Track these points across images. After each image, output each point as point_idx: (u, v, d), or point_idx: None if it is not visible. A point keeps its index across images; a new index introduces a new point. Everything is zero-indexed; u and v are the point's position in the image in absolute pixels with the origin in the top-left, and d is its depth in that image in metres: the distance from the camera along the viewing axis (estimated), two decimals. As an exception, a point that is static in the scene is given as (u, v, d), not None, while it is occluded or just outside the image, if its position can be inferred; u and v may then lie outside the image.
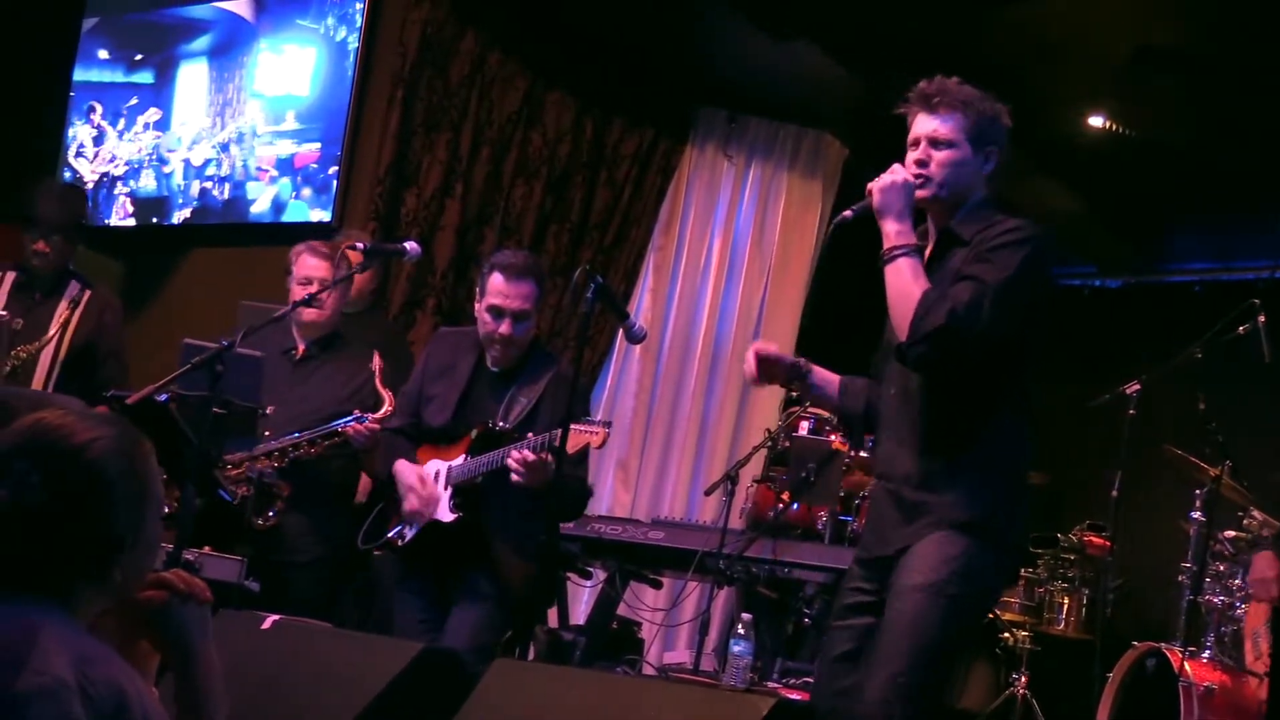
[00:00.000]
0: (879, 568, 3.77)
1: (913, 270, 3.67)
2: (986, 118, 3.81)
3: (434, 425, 5.11)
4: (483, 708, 3.65)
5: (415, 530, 5.02)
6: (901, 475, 3.77)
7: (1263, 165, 6.59)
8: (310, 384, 5.63)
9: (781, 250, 8.78)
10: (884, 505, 3.82)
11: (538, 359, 5.14)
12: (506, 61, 7.95)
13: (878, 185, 3.73)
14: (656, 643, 7.52)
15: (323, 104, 7.66)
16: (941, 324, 3.54)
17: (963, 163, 3.78)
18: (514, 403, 5.00)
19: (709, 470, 8.43)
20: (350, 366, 5.63)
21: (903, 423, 3.80)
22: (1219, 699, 6.04)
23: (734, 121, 8.83)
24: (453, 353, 5.21)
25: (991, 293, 3.55)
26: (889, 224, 3.71)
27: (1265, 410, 7.75)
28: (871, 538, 3.87)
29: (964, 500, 3.64)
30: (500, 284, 4.96)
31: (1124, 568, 7.48)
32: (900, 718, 3.50)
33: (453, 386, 5.11)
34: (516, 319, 4.96)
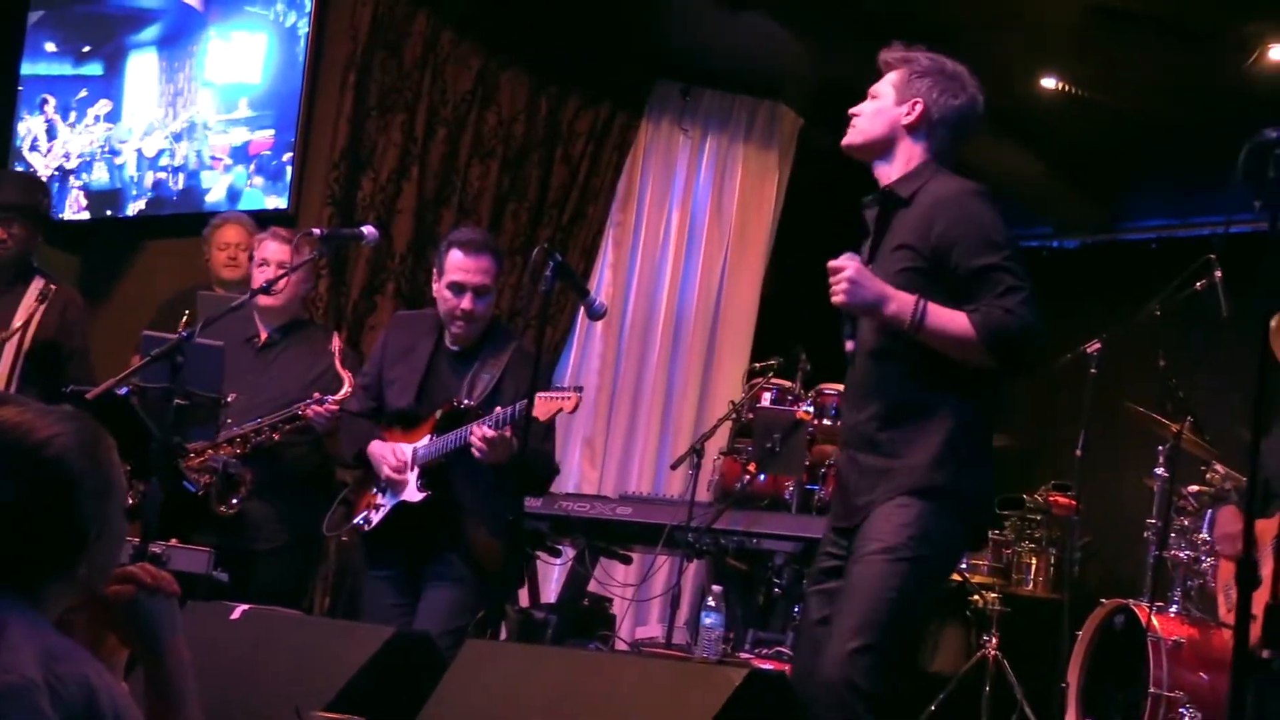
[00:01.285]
0: (847, 532, 3.79)
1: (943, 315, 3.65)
2: (919, 72, 3.86)
3: (396, 408, 5.11)
4: (456, 690, 3.65)
5: (382, 515, 5.01)
6: (864, 440, 3.79)
7: (1214, 121, 6.62)
8: (273, 371, 5.61)
9: (740, 221, 8.78)
10: (848, 473, 3.85)
11: (498, 336, 5.15)
12: (459, 41, 7.92)
13: (836, 293, 3.68)
14: (628, 618, 7.53)
15: (275, 90, 7.61)
16: (1018, 344, 3.65)
17: (880, 111, 3.88)
18: (477, 380, 5.00)
19: (675, 444, 8.43)
20: (312, 352, 5.61)
21: (866, 390, 3.83)
22: (1187, 652, 6.08)
23: (688, 94, 8.82)
24: (411, 335, 5.20)
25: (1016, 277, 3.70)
26: (880, 313, 3.68)
27: (1225, 365, 7.78)
28: (839, 508, 3.90)
29: (923, 465, 3.67)
30: (459, 259, 4.97)
31: (1090, 526, 7.51)
32: (862, 682, 3.50)
33: (413, 368, 5.10)
34: (477, 293, 4.97)
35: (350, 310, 7.41)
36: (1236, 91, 7.32)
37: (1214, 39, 7.16)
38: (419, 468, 4.96)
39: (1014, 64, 7.66)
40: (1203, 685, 6.02)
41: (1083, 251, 10.06)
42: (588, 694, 3.41)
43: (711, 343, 8.75)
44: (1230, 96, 7.34)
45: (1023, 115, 8.14)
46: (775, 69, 8.48)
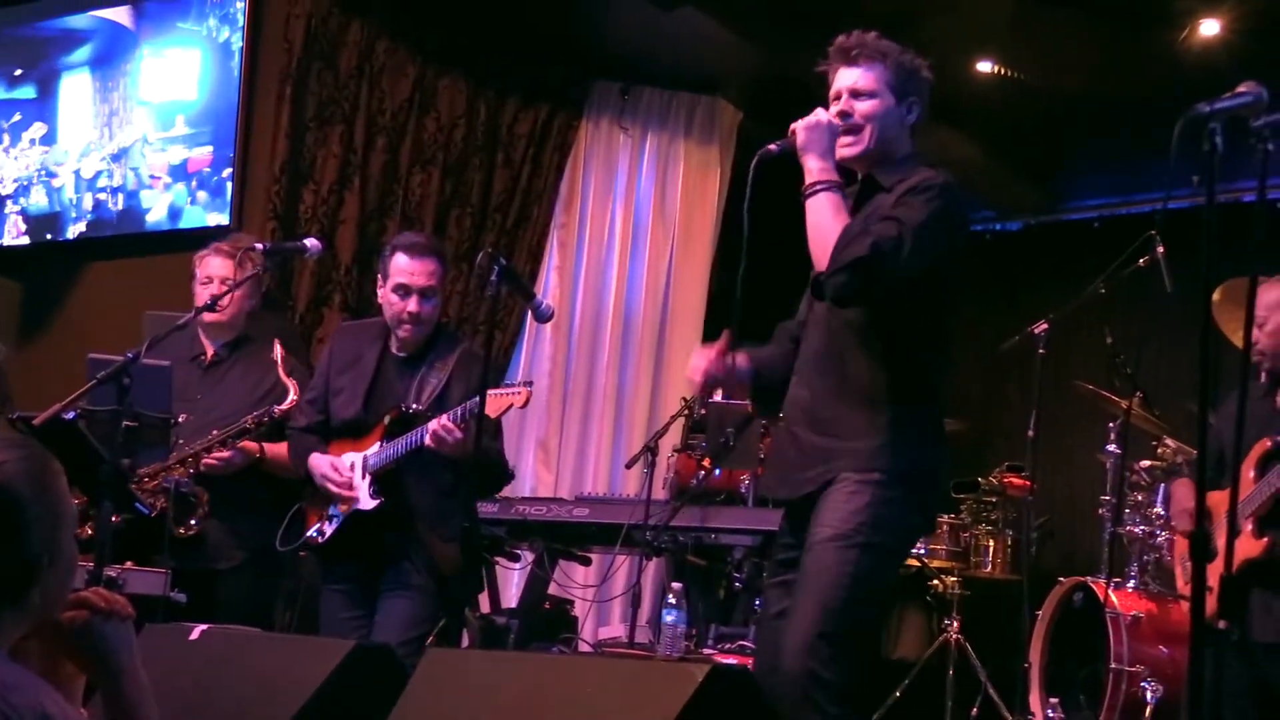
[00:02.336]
0: (799, 520, 3.77)
1: (834, 205, 3.68)
2: (906, 69, 3.85)
3: (344, 418, 5.08)
4: (419, 700, 3.64)
5: (335, 526, 4.99)
6: (808, 418, 3.78)
7: (1150, 98, 6.66)
8: (221, 388, 5.56)
9: (684, 218, 8.79)
10: (786, 446, 3.85)
11: (444, 340, 5.15)
12: (395, 49, 7.90)
13: (802, 123, 3.74)
14: (590, 619, 7.52)
15: (211, 106, 7.57)
16: (864, 254, 3.55)
17: (887, 113, 3.81)
18: (425, 384, 4.98)
19: (629, 443, 8.43)
20: (261, 366, 5.57)
21: (816, 369, 3.82)
22: (1146, 626, 6.13)
23: (627, 93, 8.82)
24: (356, 344, 5.19)
25: (910, 231, 3.57)
26: (811, 160, 3.71)
27: (1171, 339, 7.86)
28: (774, 479, 3.90)
29: (873, 447, 3.66)
30: (404, 263, 4.97)
31: (1046, 506, 7.56)
32: (822, 671, 3.50)
33: (360, 377, 5.08)
34: (423, 296, 4.97)
35: (297, 323, 7.38)
36: (1170, 68, 7.37)
37: (1145, 16, 7.21)
38: (371, 475, 4.94)
39: (949, 49, 7.68)
40: (1162, 658, 6.06)
41: (1026, 233, 10.12)
42: (551, 697, 3.40)
43: (661, 340, 8.75)
44: (1164, 73, 7.39)
45: (960, 100, 8.18)
46: (712, 64, 8.49)
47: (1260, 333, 4.56)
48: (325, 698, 3.73)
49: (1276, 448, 4.44)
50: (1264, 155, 3.05)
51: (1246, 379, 3.55)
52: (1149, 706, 5.88)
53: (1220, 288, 5.76)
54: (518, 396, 4.67)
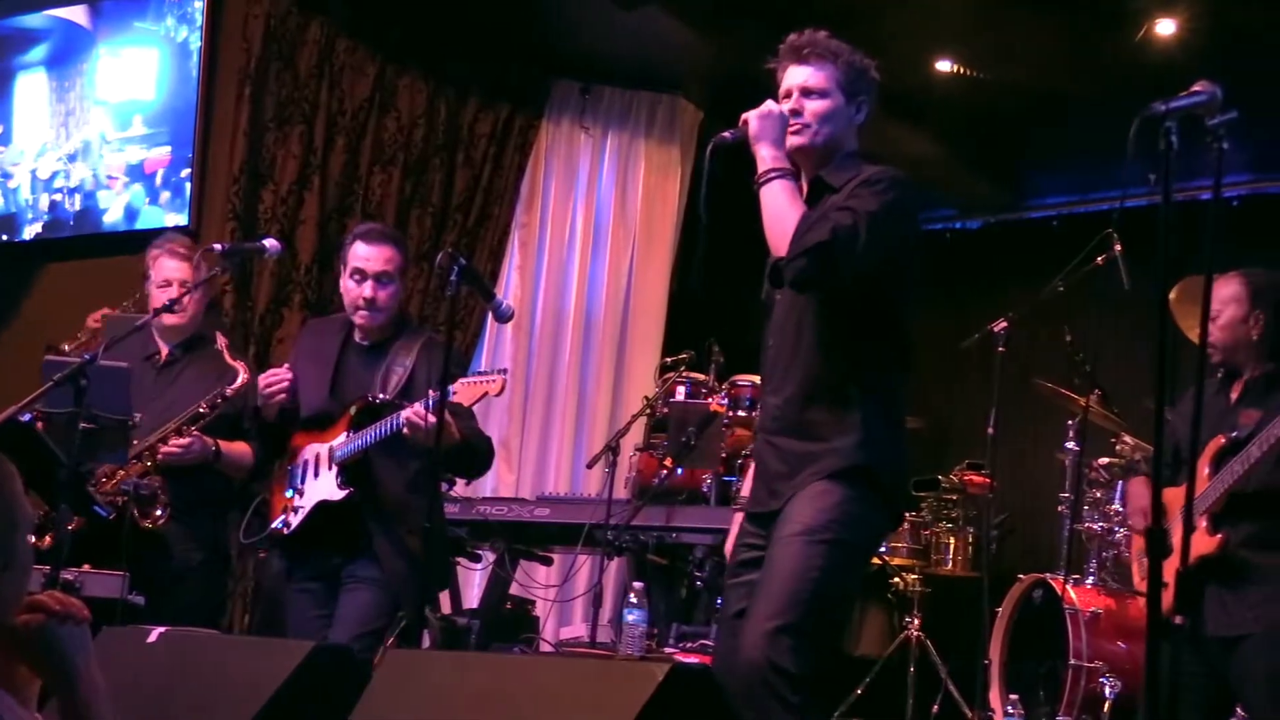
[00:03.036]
0: (767, 520, 3.78)
1: (790, 192, 3.70)
2: (856, 69, 3.87)
3: (311, 409, 5.06)
4: (379, 701, 3.62)
5: (301, 516, 4.96)
6: (783, 425, 3.80)
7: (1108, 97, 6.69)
8: (176, 388, 5.52)
9: (645, 217, 8.79)
10: (768, 458, 3.85)
11: (407, 330, 5.16)
12: (355, 48, 7.88)
13: (755, 113, 3.77)
14: (552, 619, 7.52)
15: (169, 106, 7.53)
16: (825, 239, 3.58)
17: (836, 112, 3.84)
18: (390, 373, 4.98)
19: (590, 443, 8.43)
20: (216, 366, 5.54)
21: (782, 374, 3.83)
22: (1105, 622, 6.16)
23: (588, 93, 8.82)
24: (320, 337, 5.21)
25: (865, 220, 3.60)
26: (764, 149, 3.74)
27: (1129, 337, 7.89)
28: (761, 492, 3.88)
29: (843, 448, 3.68)
30: (361, 249, 5.00)
31: (1005, 504, 7.60)
32: (782, 662, 3.49)
33: (323, 367, 5.08)
34: (379, 281, 4.97)
35: (257, 324, 7.35)
36: (1127, 67, 7.42)
37: (1102, 16, 7.24)
38: (338, 466, 4.92)
39: (909, 47, 7.71)
40: (1121, 654, 6.10)
41: (986, 231, 10.17)
42: (511, 697, 3.40)
43: (622, 340, 8.75)
44: (1122, 72, 7.44)
45: (920, 98, 8.20)
46: (673, 63, 8.50)
47: (1214, 326, 4.58)
48: (285, 699, 3.71)
49: (1231, 444, 4.46)
50: (1219, 153, 3.07)
51: (1203, 376, 3.57)
52: (1108, 702, 5.91)
53: (1177, 285, 5.79)
54: (492, 384, 4.66)
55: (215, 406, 5.30)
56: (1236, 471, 4.39)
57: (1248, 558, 4.41)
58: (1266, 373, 4.58)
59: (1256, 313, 4.57)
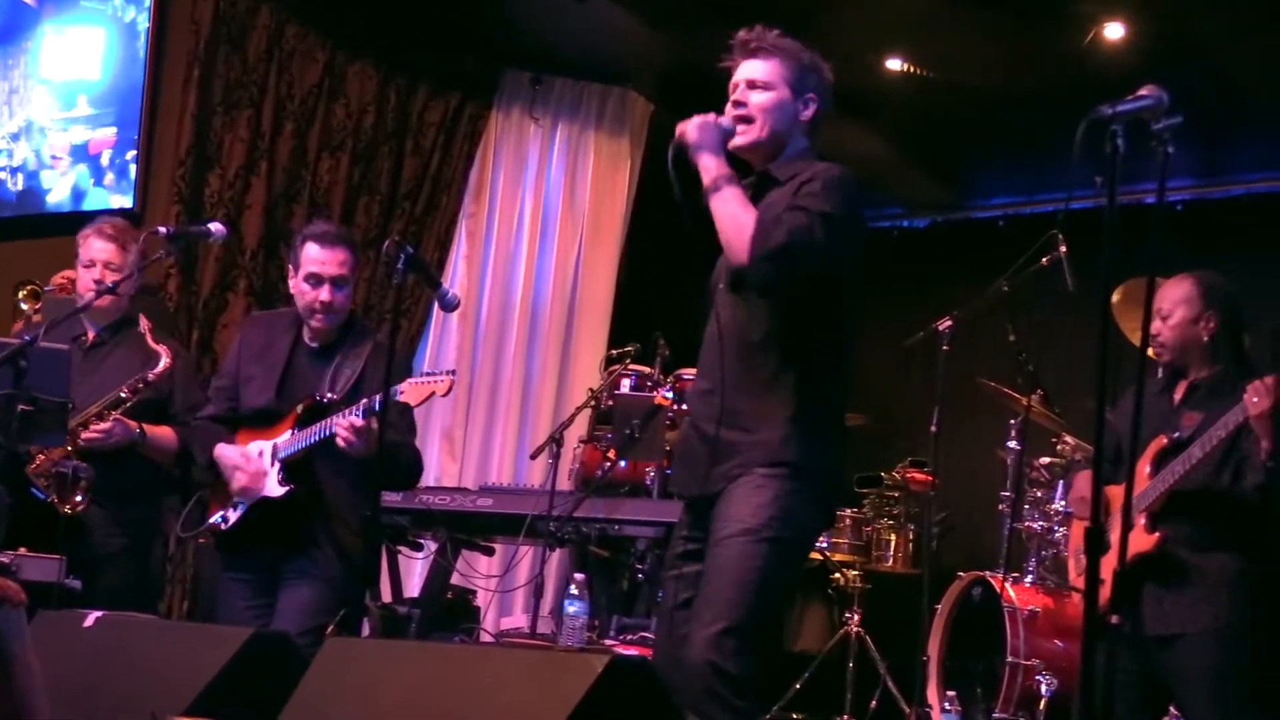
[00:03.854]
0: (702, 512, 3.79)
1: (740, 198, 3.72)
2: (804, 66, 3.88)
3: (255, 407, 5.03)
4: (317, 689, 3.61)
5: (240, 512, 4.93)
6: (713, 414, 3.79)
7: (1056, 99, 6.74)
8: (103, 371, 5.46)
9: (594, 209, 8.79)
10: (694, 443, 3.85)
11: (356, 331, 5.12)
12: (305, 34, 7.84)
13: (691, 123, 3.78)
14: (493, 610, 7.51)
15: (115, 87, 7.47)
16: (784, 242, 3.60)
17: (780, 106, 3.85)
18: (339, 374, 4.95)
19: (534, 434, 8.42)
20: (142, 349, 5.49)
21: (719, 363, 3.82)
22: (1042, 621, 6.21)
23: (538, 83, 8.81)
24: (267, 333, 5.14)
25: (818, 219, 3.63)
26: (706, 158, 3.75)
27: (1072, 338, 7.95)
28: (684, 476, 3.90)
29: (778, 440, 3.68)
30: (315, 252, 4.94)
31: (947, 502, 7.63)
32: (727, 665, 3.51)
33: (272, 366, 5.03)
34: (335, 284, 4.94)
35: (201, 309, 7.31)
36: (1075, 69, 7.47)
37: (1051, 18, 7.29)
38: (280, 463, 4.89)
39: (859, 45, 7.73)
40: (1058, 652, 6.14)
41: (932, 230, 10.22)
42: (450, 687, 3.39)
43: (568, 331, 8.75)
44: (1070, 74, 7.48)
45: (869, 97, 8.23)
46: (624, 55, 8.51)
47: (1164, 325, 4.61)
48: (222, 685, 3.70)
49: (1173, 445, 4.50)
50: (1164, 157, 3.10)
51: (1144, 377, 3.59)
52: (1043, 699, 5.95)
53: (1120, 288, 5.83)
54: (440, 384, 4.63)
55: (137, 391, 5.26)
56: (1177, 472, 4.43)
57: (1185, 558, 4.45)
58: (1212, 375, 4.61)
59: (1208, 314, 4.61)
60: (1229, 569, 4.43)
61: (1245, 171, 8.91)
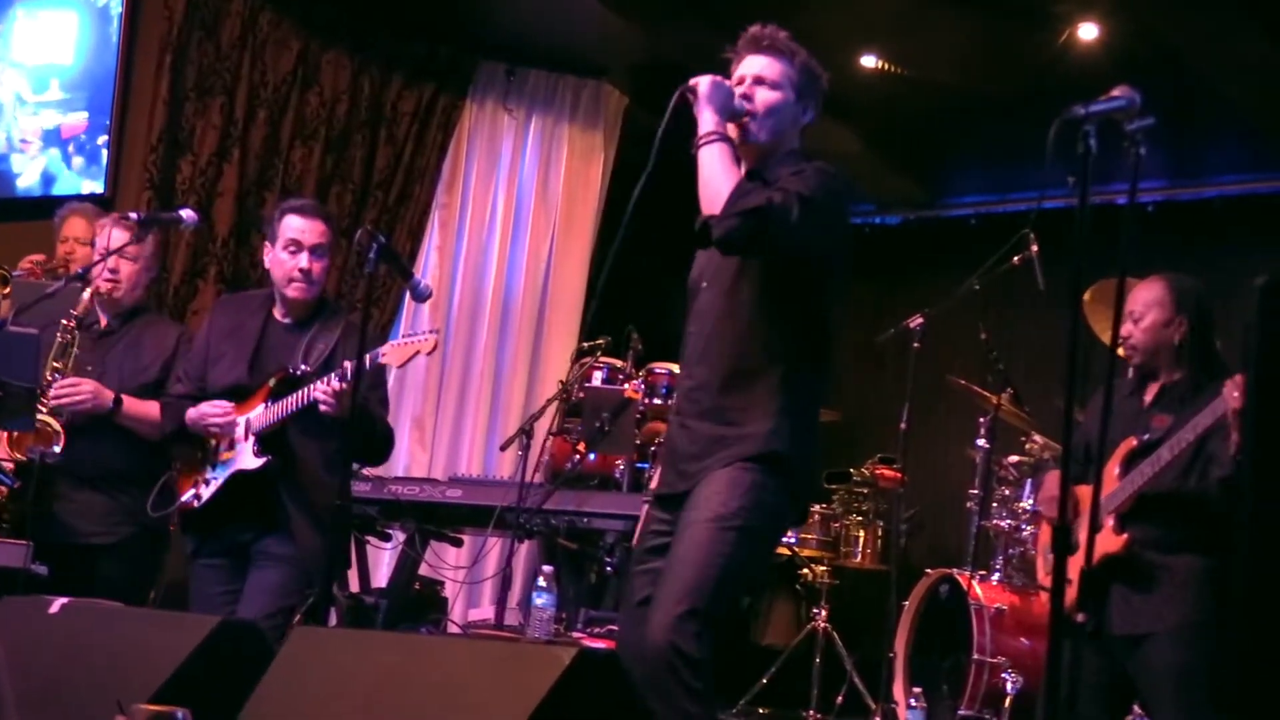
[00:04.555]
0: (674, 504, 3.79)
1: (728, 156, 3.71)
2: (811, 72, 3.91)
3: (227, 383, 5.00)
4: (284, 677, 3.60)
5: (214, 488, 4.90)
6: (699, 409, 3.80)
7: (1029, 99, 6.75)
8: (111, 357, 5.44)
9: (567, 201, 8.79)
10: (679, 440, 3.85)
11: (329, 310, 5.14)
12: (279, 22, 7.83)
13: (707, 77, 3.78)
14: (460, 601, 7.51)
15: (88, 72, 7.44)
16: (759, 204, 3.59)
17: (785, 107, 3.86)
18: (312, 348, 4.94)
19: (504, 425, 8.42)
20: (154, 337, 5.47)
21: (700, 358, 3.83)
22: (1009, 618, 6.23)
23: (513, 75, 8.80)
24: (238, 313, 5.14)
25: (798, 199, 3.62)
26: (708, 113, 3.75)
27: (1042, 337, 7.98)
28: (670, 474, 3.88)
29: (757, 435, 3.69)
30: (295, 221, 4.97)
31: (916, 498, 7.65)
32: (687, 648, 3.51)
33: (243, 342, 5.02)
34: (314, 252, 4.96)
35: (171, 295, 7.29)
36: (1050, 69, 7.48)
37: (1026, 18, 7.31)
38: (255, 436, 4.87)
39: (834, 42, 7.73)
40: (1023, 650, 6.17)
41: (905, 228, 10.23)
42: (417, 678, 3.38)
43: (540, 323, 8.74)
44: (1044, 74, 7.50)
45: (844, 94, 8.22)
46: (600, 48, 8.50)
47: (1136, 328, 4.62)
48: (189, 673, 3.68)
49: (1142, 446, 4.52)
50: (1136, 159, 3.11)
51: (1113, 377, 3.61)
52: (1009, 697, 5.97)
53: (1091, 288, 5.87)
54: (424, 343, 4.64)
55: (71, 333, 5.21)
56: (1146, 473, 4.45)
57: (1153, 559, 4.47)
58: (1183, 378, 4.63)
59: (1180, 318, 4.62)
60: (1196, 569, 4.45)
61: (1216, 173, 8.95)
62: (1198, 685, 4.38)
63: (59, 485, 5.23)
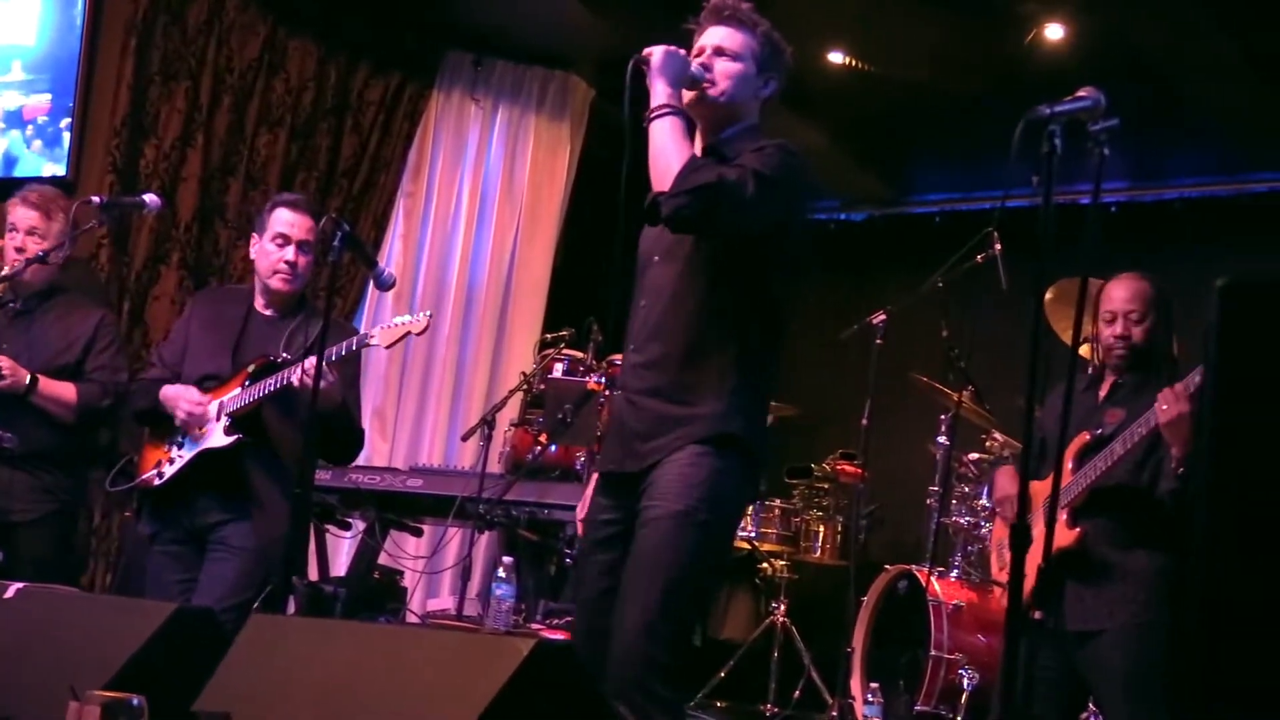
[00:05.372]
0: (623, 491, 3.72)
1: (680, 130, 3.64)
2: (773, 44, 3.86)
3: (207, 371, 4.99)
4: (240, 666, 3.58)
5: (178, 466, 4.88)
6: (646, 387, 3.72)
7: (995, 97, 6.78)
8: (28, 337, 5.41)
9: (532, 193, 8.78)
10: (626, 416, 3.76)
11: (310, 306, 5.19)
12: (245, 8, 7.79)
13: (660, 47, 3.71)
14: (419, 591, 7.49)
15: (51, 54, 7.38)
16: (711, 181, 3.51)
17: (745, 78, 3.80)
18: (293, 339, 4.97)
19: (466, 416, 8.40)
20: (71, 316, 5.47)
21: (651, 335, 3.76)
22: (967, 615, 6.27)
23: (480, 65, 8.78)
24: (219, 305, 5.21)
25: (753, 176, 3.55)
26: (661, 84, 3.68)
27: (1003, 335, 8.00)
28: (615, 450, 3.79)
29: (719, 413, 3.61)
30: (286, 215, 5.04)
31: (876, 494, 7.68)
32: (661, 656, 3.47)
33: (225, 332, 5.05)
34: (301, 247, 5.03)
35: (133, 280, 7.25)
36: (1016, 69, 7.52)
37: (993, 17, 7.33)
38: (228, 415, 4.86)
39: (801, 38, 7.71)
40: (980, 646, 6.20)
41: (869, 224, 10.26)
42: (374, 667, 3.37)
43: (503, 314, 8.73)
44: (1010, 74, 7.53)
45: (811, 89, 8.25)
46: (567, 40, 8.49)
47: (1137, 328, 4.62)
48: (144, 661, 3.65)
49: (1095, 441, 4.54)
50: (1100, 159, 3.13)
51: (1074, 376, 3.63)
52: (965, 693, 6.01)
53: (1053, 286, 5.89)
54: (416, 324, 4.70)
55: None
56: (1099, 468, 4.47)
57: (1106, 554, 4.50)
58: (1140, 375, 4.65)
59: (1152, 317, 4.65)
60: (1149, 566, 4.47)
61: (1178, 176, 9.01)
62: (1149, 683, 4.40)
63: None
